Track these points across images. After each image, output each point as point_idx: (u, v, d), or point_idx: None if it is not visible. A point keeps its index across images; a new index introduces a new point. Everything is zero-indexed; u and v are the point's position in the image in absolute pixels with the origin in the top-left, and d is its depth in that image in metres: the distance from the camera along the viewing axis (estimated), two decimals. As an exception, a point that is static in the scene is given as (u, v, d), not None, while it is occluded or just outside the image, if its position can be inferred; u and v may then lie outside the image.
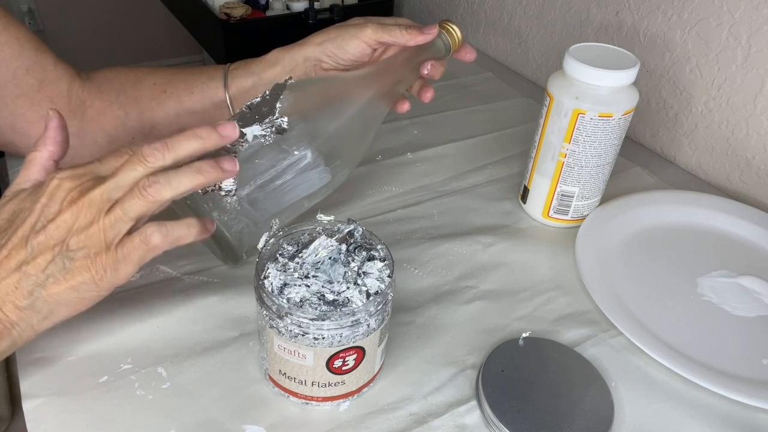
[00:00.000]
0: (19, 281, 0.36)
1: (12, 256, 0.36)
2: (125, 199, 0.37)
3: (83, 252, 0.36)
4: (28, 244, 0.36)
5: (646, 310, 0.50)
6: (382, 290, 0.38)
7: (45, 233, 0.36)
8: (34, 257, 0.36)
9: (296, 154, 0.46)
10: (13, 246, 0.36)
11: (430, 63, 0.52)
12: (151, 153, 0.37)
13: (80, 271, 0.36)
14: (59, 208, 0.36)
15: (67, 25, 2.12)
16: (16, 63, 0.52)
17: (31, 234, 0.36)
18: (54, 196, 0.36)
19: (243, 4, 1.05)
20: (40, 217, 0.36)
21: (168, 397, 0.41)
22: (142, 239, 0.37)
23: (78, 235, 0.36)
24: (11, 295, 0.36)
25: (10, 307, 0.36)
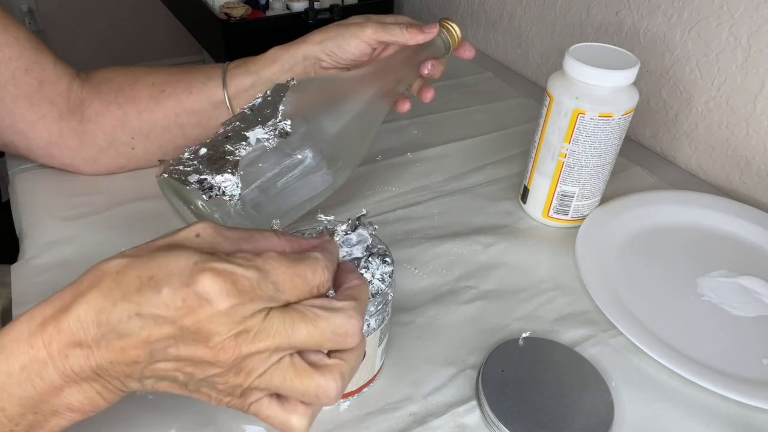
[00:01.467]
0: (132, 373, 0.29)
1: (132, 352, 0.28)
2: (287, 377, 0.29)
3: (209, 387, 0.30)
4: (151, 355, 0.28)
5: (646, 310, 0.50)
6: (382, 290, 0.38)
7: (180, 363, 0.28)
8: (154, 363, 0.29)
9: (299, 157, 0.46)
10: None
11: (430, 62, 0.52)
12: (356, 331, 0.30)
13: (201, 396, 0.31)
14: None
15: (67, 25, 2.12)
16: (15, 63, 0.52)
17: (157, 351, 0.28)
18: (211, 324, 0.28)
19: (243, 4, 1.05)
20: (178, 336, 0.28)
21: (168, 397, 0.41)
22: (279, 425, 0.30)
23: (212, 378, 0.29)
24: (123, 379, 0.29)
25: (119, 383, 0.30)
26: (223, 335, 0.27)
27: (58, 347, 0.28)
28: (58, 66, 0.55)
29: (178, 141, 0.58)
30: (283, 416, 0.30)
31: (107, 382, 0.29)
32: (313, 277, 0.30)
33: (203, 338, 0.28)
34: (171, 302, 0.27)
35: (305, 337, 0.29)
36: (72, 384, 0.29)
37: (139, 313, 0.27)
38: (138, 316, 0.27)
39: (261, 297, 0.28)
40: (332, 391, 0.29)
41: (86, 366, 0.28)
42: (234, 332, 0.28)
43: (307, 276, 0.30)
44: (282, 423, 0.30)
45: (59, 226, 0.54)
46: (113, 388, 0.30)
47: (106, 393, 0.30)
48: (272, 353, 0.29)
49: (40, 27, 2.08)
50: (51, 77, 0.54)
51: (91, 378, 0.29)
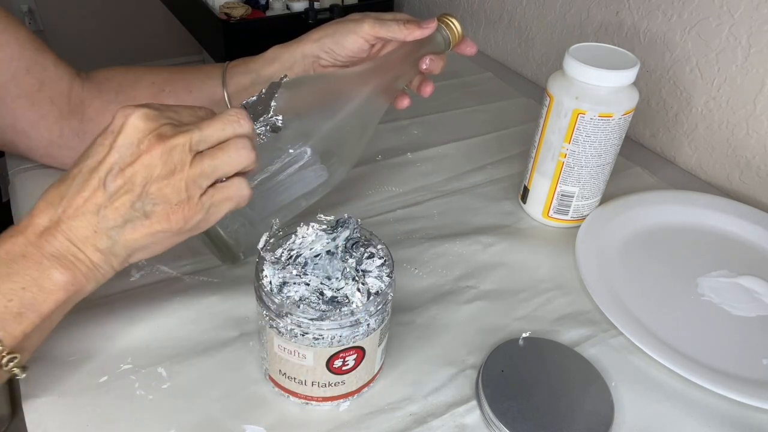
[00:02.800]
0: (97, 224, 0.35)
1: (90, 199, 0.35)
2: (216, 155, 0.37)
3: (163, 200, 0.36)
4: (105, 187, 0.35)
5: (646, 310, 0.50)
6: (382, 290, 0.38)
7: (123, 177, 0.35)
8: (112, 201, 0.35)
9: (292, 152, 0.46)
10: (92, 189, 0.35)
11: (428, 58, 0.52)
12: (243, 117, 0.38)
13: (159, 220, 0.36)
14: (137, 151, 0.35)
15: (67, 25, 2.12)
16: (16, 63, 0.52)
17: (108, 176, 0.35)
18: (128, 136, 0.35)
19: (243, 4, 1.05)
20: (118, 159, 0.35)
21: (168, 397, 0.41)
22: (233, 192, 0.38)
23: (159, 182, 0.35)
24: (90, 238, 0.36)
25: (91, 250, 0.36)
26: (147, 136, 0.35)
27: (32, 229, 0.35)
28: (58, 66, 0.55)
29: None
30: (229, 184, 0.38)
31: (78, 251, 0.36)
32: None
33: (135, 144, 0.35)
34: (104, 138, 0.36)
35: (209, 124, 0.37)
36: (50, 257, 0.35)
37: (86, 163, 0.36)
38: (85, 163, 0.36)
39: (168, 115, 0.36)
40: (243, 148, 0.38)
41: (61, 237, 0.35)
42: (154, 132, 0.35)
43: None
44: (231, 189, 0.38)
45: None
46: (84, 257, 0.36)
47: (79, 263, 0.36)
48: (191, 145, 0.36)
49: (40, 27, 2.08)
50: (51, 77, 0.54)
51: (63, 247, 0.35)
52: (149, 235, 0.37)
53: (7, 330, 0.34)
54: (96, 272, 0.37)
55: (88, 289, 0.38)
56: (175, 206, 0.36)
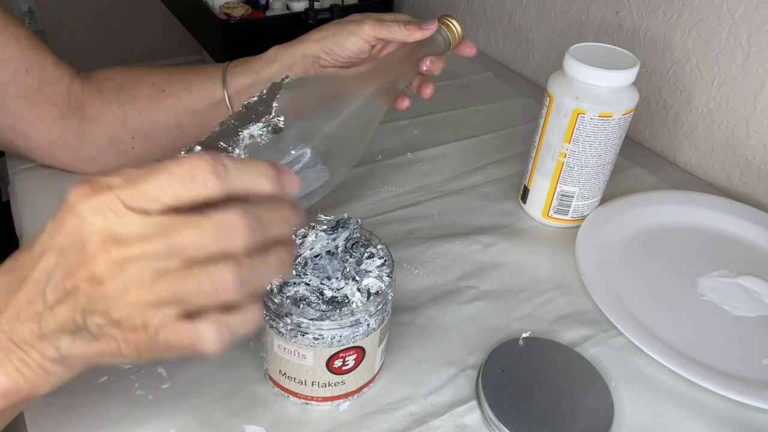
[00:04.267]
0: (40, 332, 0.28)
1: (31, 303, 0.28)
2: (187, 278, 0.26)
3: (111, 323, 0.27)
4: (44, 296, 0.28)
5: (646, 310, 0.50)
6: (382, 290, 0.38)
7: (63, 287, 0.27)
8: (52, 312, 0.27)
9: (293, 153, 0.46)
10: (33, 293, 0.28)
11: (429, 59, 0.52)
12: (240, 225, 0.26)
13: (108, 344, 0.28)
14: (81, 256, 0.26)
15: (67, 25, 2.12)
16: (16, 63, 0.52)
17: (48, 284, 0.27)
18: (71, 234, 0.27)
19: (243, 4, 1.05)
20: (56, 263, 0.27)
21: (168, 397, 0.41)
22: (195, 340, 0.27)
23: (105, 301, 0.26)
24: (36, 345, 0.29)
25: (37, 355, 0.29)
26: (97, 237, 0.25)
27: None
28: (58, 66, 0.55)
29: (178, 140, 0.58)
30: (190, 328, 0.27)
31: (24, 354, 0.29)
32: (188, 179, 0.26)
33: (79, 247, 0.26)
34: (51, 228, 0.27)
35: (186, 236, 0.26)
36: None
37: (32, 255, 0.28)
38: (31, 258, 0.28)
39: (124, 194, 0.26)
40: (227, 273, 0.26)
41: (1, 333, 0.28)
42: (108, 232, 0.25)
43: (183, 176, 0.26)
44: (191, 336, 0.27)
45: (59, 226, 0.54)
46: (32, 362, 0.29)
47: (24, 369, 0.29)
48: (153, 259, 0.26)
49: (40, 27, 2.08)
50: (51, 77, 0.54)
51: (7, 348, 0.28)
52: (101, 356, 0.28)
53: None
54: (49, 377, 0.29)
55: (41, 393, 0.30)
56: (127, 332, 0.27)
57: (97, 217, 0.26)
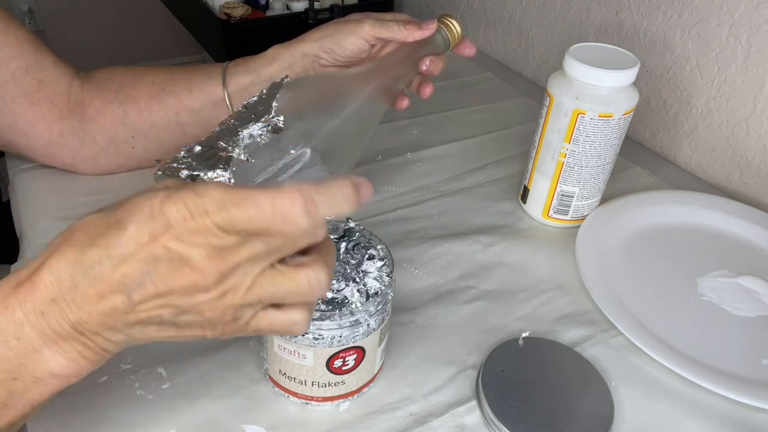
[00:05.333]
0: (112, 324, 0.29)
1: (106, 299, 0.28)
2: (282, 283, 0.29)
3: (203, 320, 0.29)
4: (128, 297, 0.28)
5: (646, 310, 0.50)
6: (381, 290, 0.38)
7: (155, 291, 0.28)
8: (134, 310, 0.28)
9: (292, 153, 0.46)
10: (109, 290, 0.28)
11: (428, 59, 0.52)
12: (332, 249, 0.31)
13: (191, 332, 0.30)
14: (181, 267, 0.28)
15: (67, 25, 2.12)
16: (15, 63, 0.52)
17: (136, 288, 0.28)
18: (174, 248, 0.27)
19: (243, 4, 1.05)
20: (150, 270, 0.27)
21: (168, 397, 0.41)
22: (290, 326, 0.31)
23: (202, 306, 0.28)
24: (101, 333, 0.29)
25: (101, 340, 0.29)
26: (201, 254, 0.27)
27: (33, 305, 0.28)
28: (58, 65, 0.55)
29: (178, 140, 0.58)
30: (284, 317, 0.31)
31: (88, 339, 0.29)
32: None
33: (180, 263, 0.27)
34: (138, 236, 0.27)
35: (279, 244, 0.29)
36: (51, 344, 0.29)
37: (109, 255, 0.27)
38: (108, 258, 0.27)
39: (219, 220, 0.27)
40: (323, 280, 0.30)
41: (64, 322, 0.28)
42: (210, 249, 0.27)
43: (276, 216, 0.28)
44: (285, 324, 0.31)
45: (59, 227, 0.54)
46: (95, 346, 0.29)
47: (87, 353, 0.29)
48: (253, 263, 0.28)
49: (40, 27, 2.08)
50: (51, 77, 0.54)
51: (70, 336, 0.29)
52: (175, 338, 0.31)
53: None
54: (104, 357, 0.31)
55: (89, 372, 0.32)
56: (215, 325, 0.30)
57: (199, 236, 0.27)
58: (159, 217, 0.27)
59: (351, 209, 0.29)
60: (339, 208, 0.29)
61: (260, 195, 0.27)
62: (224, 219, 0.27)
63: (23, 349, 0.28)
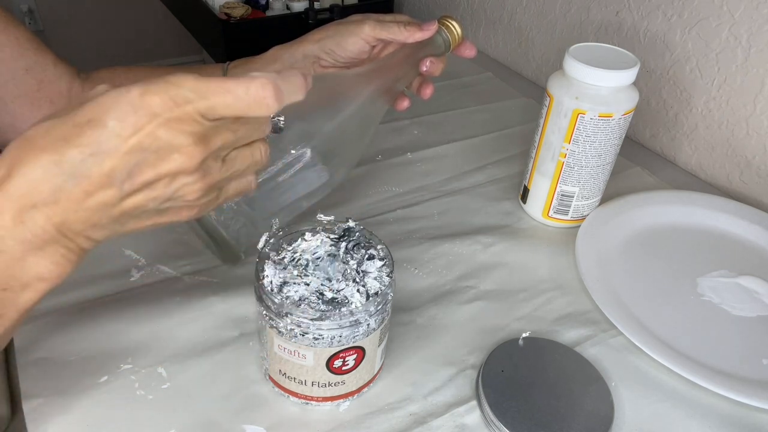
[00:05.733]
0: (99, 221, 0.31)
1: (94, 195, 0.30)
2: (244, 156, 0.34)
3: (183, 202, 0.32)
4: (119, 188, 0.30)
5: (646, 310, 0.50)
6: (381, 290, 0.38)
7: (142, 179, 0.30)
8: (123, 202, 0.30)
9: (293, 153, 0.46)
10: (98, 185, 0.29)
11: (429, 60, 0.52)
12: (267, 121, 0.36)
13: (170, 216, 0.33)
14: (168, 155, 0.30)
15: (67, 25, 2.12)
16: (16, 63, 0.52)
17: (127, 179, 0.30)
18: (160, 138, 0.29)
19: (243, 4, 1.05)
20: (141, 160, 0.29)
21: (168, 397, 0.41)
22: (243, 187, 0.36)
23: (184, 188, 0.31)
24: (87, 231, 0.31)
25: (82, 239, 0.31)
26: (188, 140, 0.30)
27: (11, 215, 0.29)
28: (58, 66, 0.55)
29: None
30: (243, 179, 0.36)
31: (70, 241, 0.31)
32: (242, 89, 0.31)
33: (168, 150, 0.29)
34: (121, 130, 0.29)
35: (243, 131, 0.33)
36: (35, 251, 0.30)
37: (92, 152, 0.29)
38: (91, 155, 0.29)
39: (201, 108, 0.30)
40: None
41: (48, 225, 0.29)
42: (194, 135, 0.30)
43: (250, 102, 0.31)
44: (243, 182, 0.36)
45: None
46: (76, 247, 0.31)
47: (69, 255, 0.31)
48: (227, 147, 0.32)
49: (40, 27, 2.08)
50: (51, 77, 0.54)
51: (53, 240, 0.30)
52: (152, 226, 0.33)
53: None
54: (83, 257, 0.33)
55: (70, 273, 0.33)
56: (193, 205, 0.33)
57: (183, 124, 0.30)
58: (141, 109, 0.29)
59: (300, 97, 0.34)
60: (295, 96, 0.33)
61: (234, 83, 0.30)
62: (205, 106, 0.30)
63: (8, 260, 0.29)
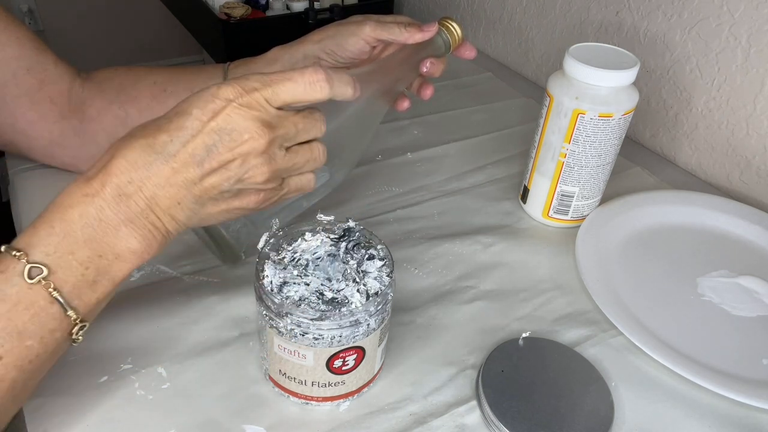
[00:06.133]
0: (183, 198, 0.36)
1: (180, 172, 0.35)
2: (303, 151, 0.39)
3: (254, 185, 0.37)
4: (200, 165, 0.35)
5: (646, 310, 0.50)
6: (381, 290, 0.38)
7: (219, 159, 0.35)
8: (203, 180, 0.35)
9: None
10: (182, 163, 0.35)
11: (429, 61, 0.52)
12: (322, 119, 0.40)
13: (242, 199, 0.38)
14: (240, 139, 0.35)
15: (67, 25, 2.12)
16: (16, 63, 0.52)
17: (207, 157, 0.35)
18: (232, 122, 0.35)
19: (243, 4, 1.05)
20: (217, 141, 0.35)
21: (168, 397, 0.41)
22: (304, 183, 0.41)
23: (255, 169, 0.36)
24: (172, 209, 0.36)
25: (168, 219, 0.36)
26: (256, 123, 0.35)
27: (111, 189, 0.34)
28: (59, 65, 0.55)
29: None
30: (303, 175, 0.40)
31: (157, 219, 0.36)
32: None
33: (240, 132, 0.35)
34: (202, 115, 0.35)
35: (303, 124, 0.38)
36: (128, 223, 0.35)
37: (178, 135, 0.35)
38: (178, 137, 0.35)
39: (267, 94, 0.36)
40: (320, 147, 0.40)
41: (140, 199, 0.35)
42: (261, 119, 0.35)
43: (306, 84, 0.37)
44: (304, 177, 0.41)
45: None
46: (162, 225, 0.36)
47: (156, 232, 0.36)
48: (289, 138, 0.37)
49: (40, 27, 2.08)
50: (52, 77, 0.54)
51: (143, 214, 0.35)
52: (226, 211, 0.38)
53: (83, 299, 0.35)
54: (167, 239, 0.37)
55: (155, 254, 0.38)
56: (262, 190, 0.38)
57: (252, 110, 0.35)
58: (217, 99, 0.35)
59: (349, 94, 0.39)
60: (345, 88, 0.38)
61: (292, 71, 0.36)
62: (270, 93, 0.36)
63: (105, 228, 0.34)
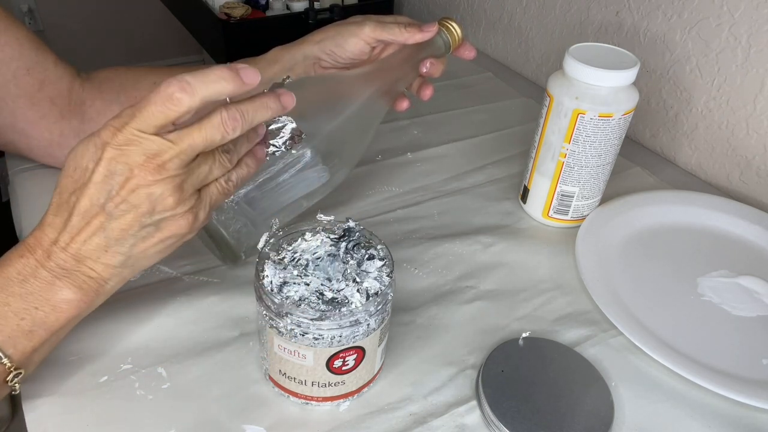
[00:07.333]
0: (106, 245, 0.36)
1: (91, 222, 0.35)
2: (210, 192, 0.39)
3: (169, 210, 0.36)
4: (105, 210, 0.35)
5: (646, 310, 0.50)
6: (381, 290, 0.38)
7: (120, 197, 0.35)
8: (116, 220, 0.35)
9: (294, 153, 0.46)
10: (91, 215, 0.35)
11: (429, 61, 0.52)
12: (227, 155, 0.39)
13: (168, 228, 0.37)
14: (128, 174, 0.35)
15: (67, 25, 2.12)
16: (16, 63, 0.52)
17: (108, 202, 0.35)
18: (111, 164, 0.35)
19: (243, 4, 1.05)
20: (111, 188, 0.35)
21: (168, 397, 0.41)
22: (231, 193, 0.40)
23: (162, 200, 0.35)
24: (102, 258, 0.36)
25: (101, 267, 0.37)
26: (138, 156, 0.34)
27: (42, 251, 0.36)
28: (59, 66, 0.55)
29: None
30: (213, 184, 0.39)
31: (89, 269, 0.37)
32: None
33: (128, 168, 0.34)
34: (89, 165, 0.35)
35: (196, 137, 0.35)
36: (61, 277, 0.36)
37: (77, 190, 0.35)
38: (78, 192, 0.35)
39: (136, 125, 0.34)
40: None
41: (67, 256, 0.36)
42: (142, 149, 0.34)
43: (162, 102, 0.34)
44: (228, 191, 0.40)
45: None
46: (96, 275, 0.37)
47: (90, 281, 0.37)
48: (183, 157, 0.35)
49: (40, 27, 2.08)
50: (52, 77, 0.54)
51: (74, 267, 0.36)
52: (161, 242, 0.38)
53: (18, 347, 0.36)
54: (106, 286, 0.38)
55: (97, 303, 0.39)
56: (184, 213, 0.37)
57: (131, 145, 0.34)
58: (96, 144, 0.35)
59: (232, 87, 0.35)
60: (216, 85, 0.34)
61: (151, 93, 0.34)
62: (139, 122, 0.34)
63: (41, 283, 0.36)
